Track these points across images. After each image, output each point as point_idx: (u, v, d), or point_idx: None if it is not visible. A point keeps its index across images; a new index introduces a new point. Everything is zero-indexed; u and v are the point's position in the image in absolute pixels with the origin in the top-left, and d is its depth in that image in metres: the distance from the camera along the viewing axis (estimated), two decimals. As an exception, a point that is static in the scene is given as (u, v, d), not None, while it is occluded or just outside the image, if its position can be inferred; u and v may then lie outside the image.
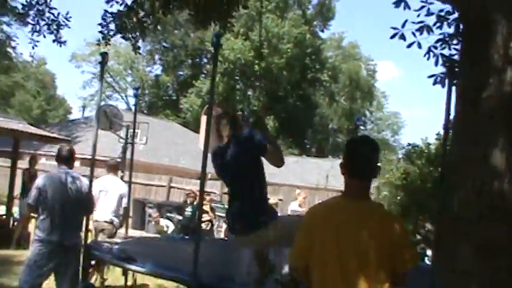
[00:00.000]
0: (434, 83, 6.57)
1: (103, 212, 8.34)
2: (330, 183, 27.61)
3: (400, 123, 66.74)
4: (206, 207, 14.02)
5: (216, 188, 21.09)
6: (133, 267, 5.28)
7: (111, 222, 8.64)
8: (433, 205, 9.76)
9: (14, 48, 37.37)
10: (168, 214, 19.59)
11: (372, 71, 57.95)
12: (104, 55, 6.47)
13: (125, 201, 8.81)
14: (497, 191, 3.16)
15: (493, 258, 3.18)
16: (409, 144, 12.02)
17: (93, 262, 5.80)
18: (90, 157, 6.14)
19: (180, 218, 15.62)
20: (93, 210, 6.88)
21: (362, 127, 62.82)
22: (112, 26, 8.78)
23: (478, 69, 3.35)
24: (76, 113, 72.61)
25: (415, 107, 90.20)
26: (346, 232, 3.09)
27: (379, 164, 3.37)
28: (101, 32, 8.90)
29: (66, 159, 6.46)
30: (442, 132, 11.54)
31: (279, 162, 4.78)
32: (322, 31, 54.33)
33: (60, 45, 9.89)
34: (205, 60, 54.04)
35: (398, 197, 11.26)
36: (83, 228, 6.49)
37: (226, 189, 18.50)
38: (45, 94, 66.11)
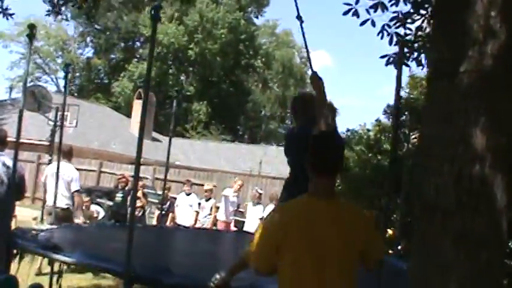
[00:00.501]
0: (387, 63, 6.59)
1: (58, 198, 8.15)
2: (264, 170, 27.80)
3: (333, 111, 67.40)
4: (138, 193, 13.77)
5: (148, 173, 20.88)
6: (60, 257, 4.88)
7: (67, 208, 8.81)
8: (371, 193, 9.90)
9: None
10: (99, 200, 19.25)
11: (305, 58, 58.23)
12: (32, 27, 6.10)
13: (74, 185, 8.98)
14: (478, 176, 2.84)
15: (473, 250, 2.82)
16: (348, 130, 12.10)
17: (15, 251, 5.53)
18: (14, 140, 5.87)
19: (111, 203, 15.29)
20: (23, 196, 6.60)
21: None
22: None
23: (455, 42, 2.97)
24: (2, 94, 70.28)
25: (347, 95, 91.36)
26: (319, 233, 2.99)
27: None
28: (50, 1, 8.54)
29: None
30: (381, 118, 11.76)
31: None
32: (257, 17, 54.48)
33: (7, 18, 9.21)
34: (138, 43, 53.28)
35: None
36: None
37: (159, 175, 18.15)
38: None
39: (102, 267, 4.81)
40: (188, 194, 12.51)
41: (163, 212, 12.15)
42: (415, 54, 6.80)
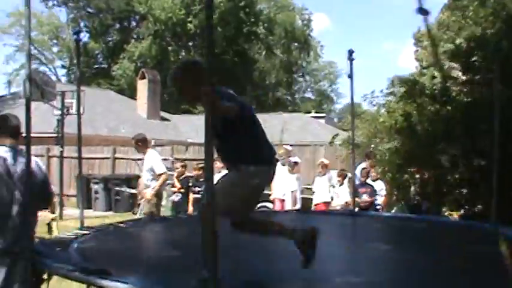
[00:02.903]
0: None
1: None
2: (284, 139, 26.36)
3: (336, 73, 65.97)
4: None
5: (166, 154, 19.48)
6: (107, 284, 3.27)
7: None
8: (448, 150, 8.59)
9: None
10: (117, 188, 17.96)
11: (306, 20, 56.38)
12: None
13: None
14: None
15: None
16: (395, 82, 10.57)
17: (44, 276, 4.04)
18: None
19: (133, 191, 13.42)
20: (51, 201, 5.09)
21: (300, 79, 61.85)
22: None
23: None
24: (2, 90, 68.99)
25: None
26: None
27: None
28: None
29: (12, 131, 4.66)
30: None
31: None
32: (254, -18, 52.41)
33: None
34: (133, 22, 51.56)
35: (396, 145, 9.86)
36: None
37: (177, 155, 16.67)
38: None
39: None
40: (219, 173, 11.03)
41: (198, 196, 10.81)
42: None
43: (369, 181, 11.00)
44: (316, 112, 46.82)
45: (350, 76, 7.22)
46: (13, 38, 49.21)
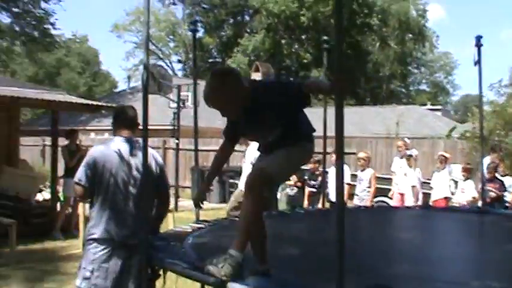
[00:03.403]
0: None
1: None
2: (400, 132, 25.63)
3: (452, 64, 63.72)
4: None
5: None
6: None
7: None
8: None
9: (53, 24, 36.09)
10: (231, 180, 18.03)
11: (422, 10, 54.60)
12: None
13: None
14: None
15: None
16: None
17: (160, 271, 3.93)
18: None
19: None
20: (169, 195, 4.88)
21: (415, 70, 60.15)
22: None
23: None
24: (122, 85, 71.81)
25: (465, 48, 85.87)
26: None
27: None
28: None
29: (127, 121, 4.64)
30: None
31: None
32: (368, -27, 51.40)
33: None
34: (247, 17, 52.00)
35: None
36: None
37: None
38: (90, 70, 65.45)
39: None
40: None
41: (314, 190, 10.56)
42: None
43: (497, 176, 10.33)
44: (431, 104, 45.42)
45: (478, 62, 6.74)
46: (133, 35, 51.31)
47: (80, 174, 4.42)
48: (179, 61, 54.02)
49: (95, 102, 13.90)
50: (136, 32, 50.53)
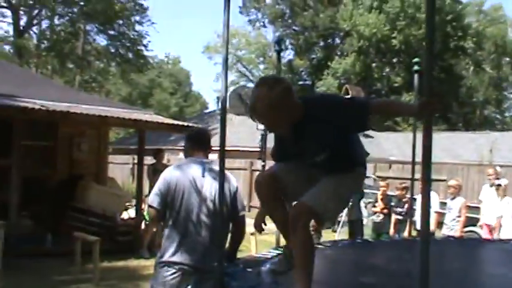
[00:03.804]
0: None
1: None
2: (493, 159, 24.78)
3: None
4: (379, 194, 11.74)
5: (369, 171, 19.10)
6: None
7: None
8: None
9: (145, 46, 37.40)
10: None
11: (520, 33, 52.88)
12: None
13: None
14: None
15: None
16: None
17: None
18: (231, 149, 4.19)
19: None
20: (243, 219, 4.73)
21: (511, 96, 58.15)
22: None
23: None
24: (212, 106, 73.12)
25: None
26: None
27: None
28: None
29: (201, 143, 4.70)
30: None
31: None
32: (461, -5, 50.32)
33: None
34: (337, 39, 51.83)
35: None
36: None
37: (379, 173, 16.27)
38: (182, 91, 66.99)
39: None
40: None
41: (400, 217, 10.32)
42: None
43: None
44: (528, 131, 43.73)
45: None
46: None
47: (153, 197, 4.47)
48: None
49: (180, 123, 14.16)
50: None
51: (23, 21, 36.37)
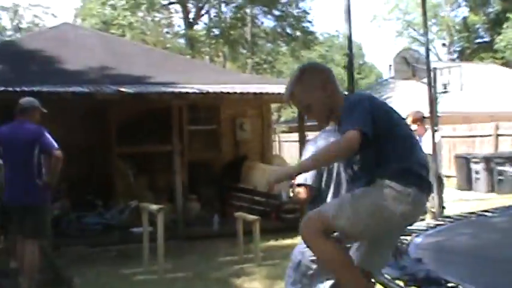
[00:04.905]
0: None
1: None
2: None
3: None
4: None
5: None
6: None
7: None
8: None
9: (310, 22, 37.52)
10: (500, 168, 16.59)
11: None
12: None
13: None
14: None
15: None
16: None
17: None
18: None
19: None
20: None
21: None
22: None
23: None
24: (386, 75, 71.84)
25: None
26: None
27: None
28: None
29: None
30: None
31: None
32: None
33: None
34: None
35: None
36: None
37: None
38: (355, 64, 66.23)
39: None
40: None
41: None
42: None
43: None
44: None
45: None
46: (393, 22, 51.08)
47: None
48: (443, 45, 51.89)
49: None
50: (395, 20, 49.91)
51: (191, 14, 37.69)
